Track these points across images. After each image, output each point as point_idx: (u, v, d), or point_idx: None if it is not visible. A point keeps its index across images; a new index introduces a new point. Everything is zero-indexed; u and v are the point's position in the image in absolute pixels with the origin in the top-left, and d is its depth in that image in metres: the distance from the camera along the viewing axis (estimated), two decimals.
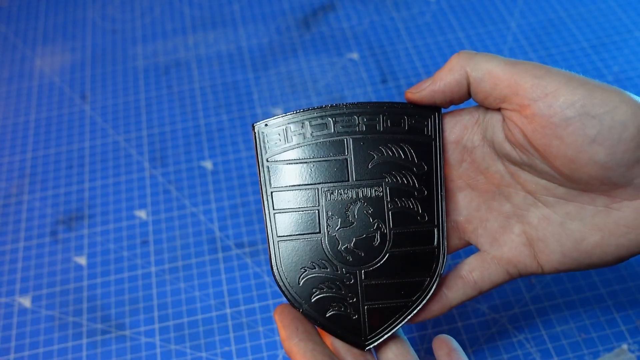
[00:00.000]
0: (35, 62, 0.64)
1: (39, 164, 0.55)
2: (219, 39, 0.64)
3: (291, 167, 0.34)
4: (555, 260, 0.32)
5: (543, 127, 0.29)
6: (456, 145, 0.34)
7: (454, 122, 0.34)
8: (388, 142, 0.34)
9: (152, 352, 0.44)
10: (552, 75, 0.29)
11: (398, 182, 0.34)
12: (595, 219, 0.31)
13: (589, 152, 0.28)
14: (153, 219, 0.51)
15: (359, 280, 0.33)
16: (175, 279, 0.47)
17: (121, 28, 0.67)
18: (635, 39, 0.59)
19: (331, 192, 0.34)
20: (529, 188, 0.33)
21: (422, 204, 0.34)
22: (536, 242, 0.33)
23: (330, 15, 0.65)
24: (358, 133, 0.34)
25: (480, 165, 0.34)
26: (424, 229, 0.33)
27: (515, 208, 0.33)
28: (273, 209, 0.33)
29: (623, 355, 0.41)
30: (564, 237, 0.32)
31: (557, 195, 0.32)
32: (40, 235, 0.51)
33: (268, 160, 0.34)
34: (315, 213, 0.34)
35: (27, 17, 0.69)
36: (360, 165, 0.34)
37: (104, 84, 0.61)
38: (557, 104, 0.29)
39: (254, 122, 0.34)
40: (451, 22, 0.63)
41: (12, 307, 0.47)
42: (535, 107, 0.29)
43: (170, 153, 0.55)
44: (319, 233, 0.33)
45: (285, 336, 0.32)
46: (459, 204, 0.34)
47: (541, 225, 0.32)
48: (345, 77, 0.59)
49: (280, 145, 0.34)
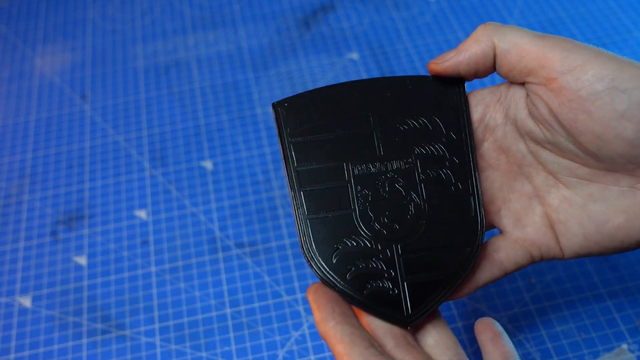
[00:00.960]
0: (35, 62, 0.64)
1: (39, 164, 0.56)
2: (219, 39, 0.64)
3: (316, 144, 0.32)
4: (576, 243, 0.31)
5: (570, 100, 0.28)
6: (478, 124, 0.33)
7: (476, 100, 0.33)
8: (413, 114, 0.33)
9: (152, 352, 0.44)
10: (581, 49, 0.29)
11: (428, 152, 0.32)
12: (620, 200, 0.30)
13: (617, 127, 0.28)
14: (153, 219, 0.51)
15: (396, 255, 0.31)
16: (175, 279, 0.47)
17: (121, 28, 0.67)
18: (635, 39, 0.59)
19: (359, 166, 0.32)
20: (551, 169, 0.32)
21: (454, 174, 0.32)
22: (557, 224, 0.32)
23: (330, 15, 0.65)
24: (382, 107, 0.33)
25: (502, 145, 0.33)
26: (460, 199, 0.32)
27: (536, 189, 0.33)
28: (300, 186, 0.32)
29: (623, 355, 0.41)
30: (586, 219, 0.31)
31: (579, 176, 0.31)
32: (40, 235, 0.51)
33: (291, 138, 0.32)
34: (345, 189, 0.32)
35: (27, 17, 0.69)
36: (387, 138, 0.33)
37: (104, 84, 0.61)
38: (585, 77, 0.28)
39: (273, 102, 0.33)
40: (451, 22, 0.63)
41: (12, 307, 0.47)
42: (563, 80, 0.28)
43: (170, 153, 0.55)
44: (350, 209, 0.32)
45: (321, 319, 0.30)
46: (482, 183, 0.33)
47: (562, 207, 0.31)
48: (345, 77, 0.59)
49: (302, 123, 0.33)
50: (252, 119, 0.57)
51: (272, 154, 0.54)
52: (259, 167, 0.53)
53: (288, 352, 0.43)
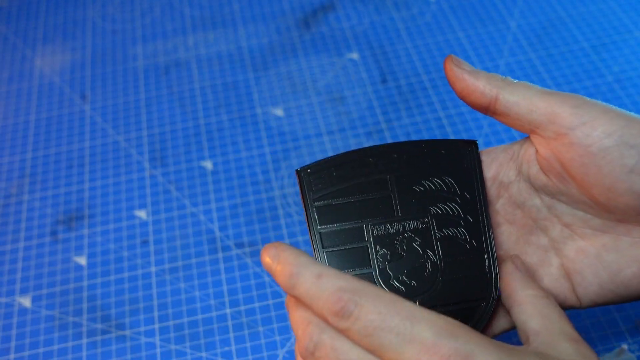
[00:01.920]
0: (35, 62, 0.64)
1: (39, 164, 0.56)
2: (219, 39, 0.64)
3: (337, 207, 0.34)
4: (592, 292, 0.32)
5: (581, 155, 0.29)
6: (493, 182, 0.35)
7: (490, 159, 0.35)
8: (429, 176, 0.35)
9: (152, 352, 0.44)
10: (590, 106, 0.30)
11: (443, 212, 0.34)
12: (632, 250, 0.31)
13: (627, 181, 0.29)
14: (153, 219, 0.51)
15: None
16: (175, 279, 0.47)
17: (121, 28, 0.67)
18: (635, 39, 0.59)
19: (378, 227, 0.34)
20: (566, 221, 0.33)
21: (469, 232, 0.34)
22: (573, 274, 0.33)
23: (330, 15, 0.65)
24: (399, 170, 0.35)
25: (517, 200, 0.34)
26: (474, 255, 0.34)
27: (552, 241, 0.34)
28: (322, 248, 0.34)
29: (623, 355, 0.41)
30: (601, 269, 0.32)
31: (593, 227, 0.32)
32: (40, 235, 0.51)
33: (314, 202, 0.34)
34: (365, 249, 0.34)
35: (27, 17, 0.69)
36: (405, 200, 0.34)
37: (104, 84, 0.61)
38: (595, 134, 0.29)
39: (296, 168, 0.36)
40: (451, 22, 0.63)
41: (12, 307, 0.47)
42: (573, 136, 0.29)
43: (170, 153, 0.55)
44: (370, 268, 0.34)
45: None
46: (498, 238, 0.35)
47: (578, 258, 0.33)
48: (345, 77, 0.59)
49: (324, 188, 0.35)
50: (252, 119, 0.57)
51: (272, 154, 0.54)
52: (259, 167, 0.53)
53: (288, 352, 0.43)
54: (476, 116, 0.55)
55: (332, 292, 0.27)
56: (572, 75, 0.57)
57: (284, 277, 0.28)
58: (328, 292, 0.27)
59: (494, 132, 0.54)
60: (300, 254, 0.28)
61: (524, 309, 0.31)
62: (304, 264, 0.28)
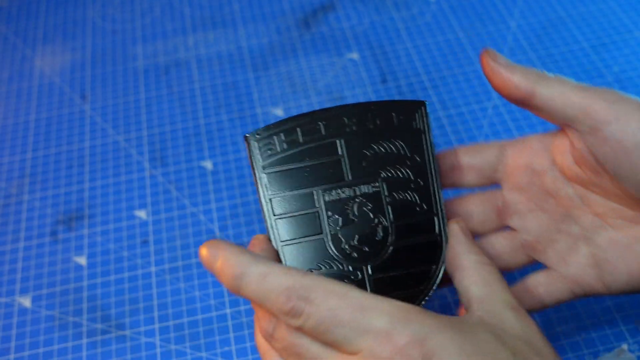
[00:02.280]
0: (35, 62, 0.64)
1: (39, 164, 0.56)
2: (219, 39, 0.64)
3: (287, 173, 0.34)
4: (622, 281, 0.33)
5: (614, 150, 0.30)
6: (526, 169, 0.35)
7: (523, 146, 0.35)
8: (379, 139, 0.34)
9: (152, 352, 0.44)
10: (625, 101, 0.30)
11: (394, 176, 0.34)
12: None
13: None
14: (153, 219, 0.51)
15: (366, 276, 0.33)
16: (175, 279, 0.47)
17: (121, 28, 0.67)
18: (635, 39, 0.59)
19: (329, 192, 0.34)
20: (598, 211, 0.33)
21: (419, 195, 0.34)
22: (604, 264, 0.33)
23: (330, 15, 0.65)
24: (349, 134, 0.34)
25: (550, 189, 0.35)
26: (424, 218, 0.34)
27: (583, 230, 0.34)
28: (274, 215, 0.34)
29: (623, 355, 0.41)
30: (632, 259, 0.32)
31: (625, 218, 0.33)
32: (40, 235, 0.51)
33: (264, 168, 0.34)
34: (316, 215, 0.34)
35: (27, 17, 0.69)
36: (355, 164, 0.34)
37: (104, 84, 0.61)
38: (629, 129, 0.29)
39: (245, 134, 0.35)
40: (451, 22, 0.63)
41: (12, 307, 0.47)
42: (608, 131, 0.30)
43: (170, 153, 0.55)
44: (321, 234, 0.34)
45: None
46: (529, 224, 0.35)
47: (609, 248, 0.33)
48: (345, 77, 0.59)
49: (273, 154, 0.34)
50: (252, 119, 0.57)
51: None
52: None
53: None
54: (476, 116, 0.55)
55: (280, 292, 0.26)
56: (572, 75, 0.57)
57: (227, 278, 0.27)
58: (276, 292, 0.26)
59: (494, 132, 0.54)
60: (241, 252, 0.28)
61: (467, 275, 0.31)
62: (247, 263, 0.27)
